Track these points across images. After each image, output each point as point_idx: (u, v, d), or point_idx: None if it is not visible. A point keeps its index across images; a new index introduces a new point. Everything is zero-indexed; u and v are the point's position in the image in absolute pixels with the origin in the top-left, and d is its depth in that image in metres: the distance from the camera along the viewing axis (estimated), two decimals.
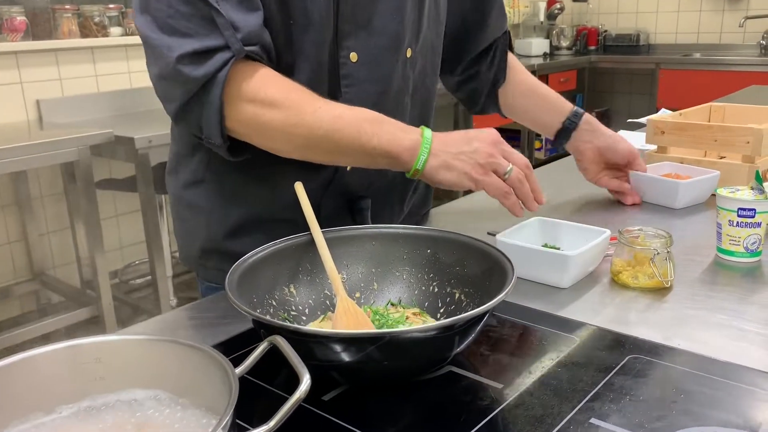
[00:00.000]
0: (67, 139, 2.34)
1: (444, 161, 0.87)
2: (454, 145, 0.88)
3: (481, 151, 0.87)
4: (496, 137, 0.89)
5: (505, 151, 0.89)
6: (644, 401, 0.67)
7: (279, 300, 0.81)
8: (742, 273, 0.99)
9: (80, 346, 0.60)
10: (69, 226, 2.93)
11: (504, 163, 0.88)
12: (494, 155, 0.88)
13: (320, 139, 0.88)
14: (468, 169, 0.87)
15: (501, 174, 0.88)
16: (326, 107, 0.88)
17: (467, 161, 0.87)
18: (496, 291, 0.75)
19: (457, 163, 0.87)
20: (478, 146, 0.87)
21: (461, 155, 0.87)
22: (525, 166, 0.90)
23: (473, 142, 0.88)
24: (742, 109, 1.60)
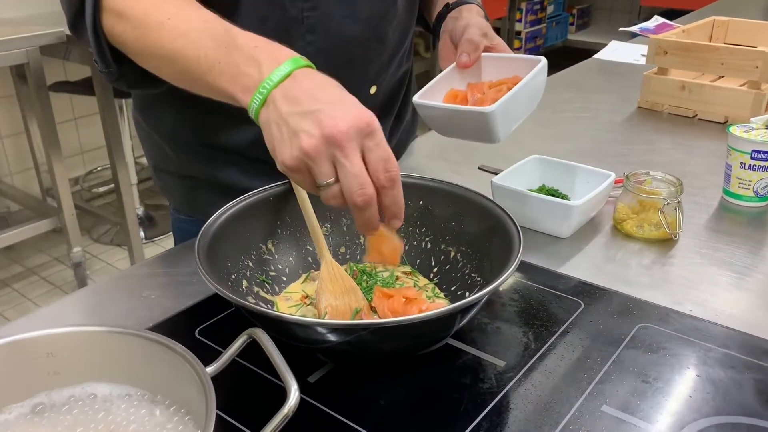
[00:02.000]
0: (13, 39, 2.14)
1: (268, 121, 0.61)
2: (298, 102, 0.60)
3: (305, 142, 0.58)
4: (348, 130, 0.58)
5: (345, 157, 0.58)
6: (658, 385, 0.61)
7: (256, 260, 0.73)
8: (750, 218, 0.93)
9: (26, 340, 0.52)
10: (23, 130, 2.75)
11: (324, 172, 0.59)
12: (313, 156, 0.58)
13: (165, 61, 0.70)
14: (279, 150, 0.60)
15: (316, 180, 0.60)
16: (175, 20, 0.69)
17: (282, 140, 0.60)
18: (498, 255, 0.68)
19: (275, 133, 0.60)
20: (310, 131, 0.58)
21: (285, 126, 0.59)
22: (379, 184, 0.59)
23: (312, 120, 0.58)
24: (747, 25, 1.50)
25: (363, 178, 0.58)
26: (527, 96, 0.80)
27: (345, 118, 0.58)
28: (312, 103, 0.59)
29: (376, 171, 0.59)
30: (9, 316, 2.45)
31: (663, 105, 1.34)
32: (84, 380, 0.54)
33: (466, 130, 0.80)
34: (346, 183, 0.59)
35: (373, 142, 0.59)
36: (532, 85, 0.79)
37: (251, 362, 0.64)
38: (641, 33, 1.97)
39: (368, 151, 0.59)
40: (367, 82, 0.92)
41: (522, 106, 0.80)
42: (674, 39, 1.30)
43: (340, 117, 0.58)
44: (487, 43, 0.89)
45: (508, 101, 0.75)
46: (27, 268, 2.73)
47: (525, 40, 4.59)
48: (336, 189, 0.59)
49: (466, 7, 0.95)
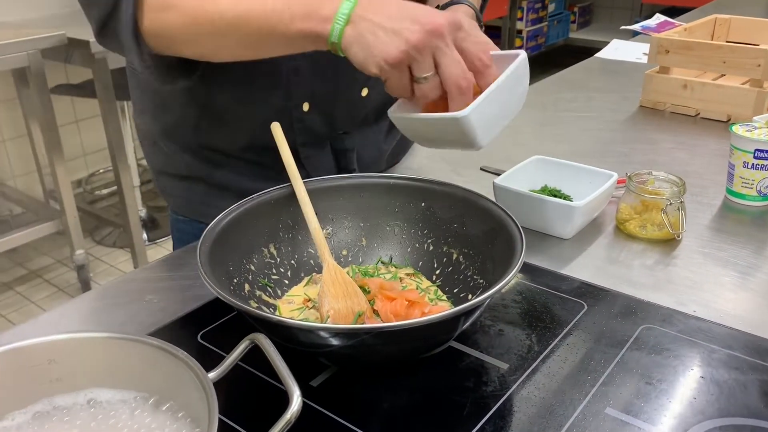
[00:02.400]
0: (15, 43, 2.14)
1: (360, 33, 0.65)
2: (383, 14, 0.65)
3: (410, 35, 0.64)
4: (445, 24, 0.65)
5: (447, 46, 0.65)
6: (662, 387, 0.61)
7: (258, 264, 0.73)
8: (753, 218, 0.93)
9: (28, 347, 0.52)
10: (26, 133, 2.76)
11: (426, 65, 0.65)
12: (420, 47, 0.64)
13: (229, 29, 0.71)
14: (378, 50, 0.64)
15: (416, 76, 0.66)
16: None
17: (383, 40, 0.64)
18: (500, 257, 0.68)
19: (370, 39, 0.65)
20: (411, 28, 0.64)
21: (382, 30, 0.65)
22: (482, 64, 0.68)
23: (409, 20, 0.64)
24: (749, 23, 1.49)
25: (464, 64, 0.66)
26: (508, 94, 0.71)
27: (438, 15, 0.65)
28: (401, 10, 0.65)
29: (474, 54, 0.67)
30: (12, 318, 2.45)
31: (665, 104, 1.33)
32: (86, 386, 0.54)
33: (445, 139, 0.73)
34: (450, 70, 0.65)
35: (463, 32, 0.67)
36: (512, 82, 0.71)
37: (254, 367, 0.63)
38: (643, 31, 1.96)
39: (462, 41, 0.67)
40: (357, 85, 0.92)
41: (503, 105, 0.71)
42: (676, 37, 1.30)
43: (434, 14, 0.65)
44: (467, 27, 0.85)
45: (484, 102, 0.68)
46: (30, 271, 2.73)
47: (526, 38, 4.59)
48: (436, 81, 0.66)
49: (454, 8, 0.92)
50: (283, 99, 0.86)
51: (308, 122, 0.89)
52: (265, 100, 0.86)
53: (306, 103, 0.87)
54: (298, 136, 0.89)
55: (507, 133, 1.15)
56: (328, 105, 0.90)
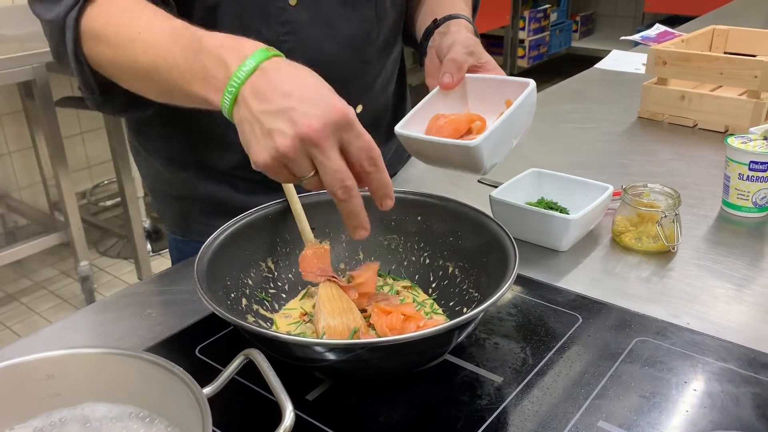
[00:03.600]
0: (20, 57, 2.17)
1: (240, 121, 0.60)
2: (267, 100, 0.58)
3: (280, 142, 0.57)
4: (325, 126, 0.57)
5: (322, 153, 0.58)
6: (655, 400, 0.62)
7: (255, 278, 0.74)
8: (749, 229, 0.93)
9: (27, 363, 0.53)
10: (31, 145, 2.78)
11: (302, 167, 0.58)
12: (289, 156, 0.57)
13: (143, 75, 0.69)
14: (251, 150, 0.59)
15: (296, 175, 0.60)
16: (145, 34, 0.68)
17: (257, 141, 0.59)
18: (495, 271, 0.68)
19: (247, 132, 0.59)
20: (283, 130, 0.57)
21: (258, 125, 0.58)
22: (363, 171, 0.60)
23: (285, 119, 0.57)
24: (747, 34, 1.50)
25: (342, 172, 0.58)
26: (517, 123, 0.75)
27: (319, 114, 0.57)
28: (283, 100, 0.58)
29: (359, 161, 0.59)
30: (17, 330, 2.46)
31: (663, 115, 1.34)
32: (84, 401, 0.54)
33: (451, 162, 0.75)
34: (326, 179, 0.59)
35: (351, 134, 0.59)
36: (522, 111, 0.74)
37: (251, 381, 0.64)
38: (642, 42, 1.97)
39: (348, 144, 0.59)
40: (351, 102, 0.92)
41: (511, 133, 0.75)
42: (673, 49, 1.31)
43: (314, 114, 0.57)
44: (473, 62, 0.84)
45: (495, 132, 0.70)
46: (35, 282, 2.75)
47: (528, 48, 4.60)
48: (317, 180, 0.60)
49: (454, 22, 0.91)
50: None
51: None
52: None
53: None
54: None
55: None
56: None
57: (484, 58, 0.83)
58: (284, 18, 0.83)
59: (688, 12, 3.50)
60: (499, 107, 0.78)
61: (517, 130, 0.76)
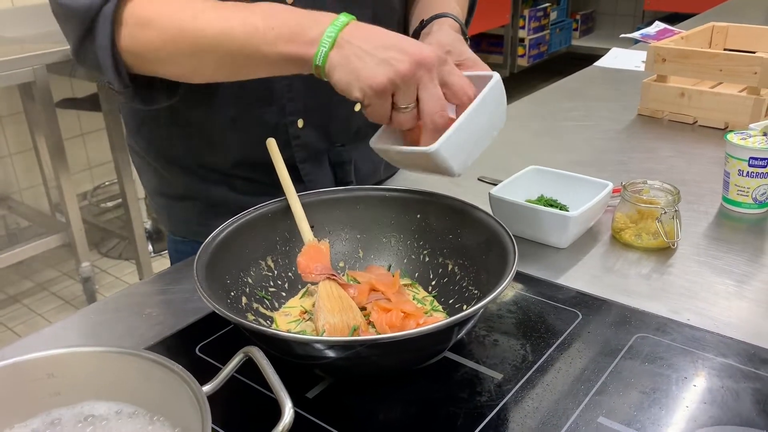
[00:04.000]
0: (20, 58, 2.17)
1: (346, 57, 0.65)
2: (371, 41, 0.65)
3: (399, 65, 0.64)
4: (432, 57, 0.65)
5: (431, 80, 0.65)
6: (655, 396, 0.62)
7: (255, 276, 0.74)
8: (749, 225, 0.93)
9: (27, 362, 0.53)
10: (32, 147, 2.78)
11: (409, 95, 0.66)
12: (407, 78, 0.64)
13: (208, 48, 0.70)
14: (363, 76, 0.64)
15: (398, 105, 0.66)
16: (210, 10, 0.70)
17: (371, 66, 0.64)
18: (494, 268, 0.68)
19: (357, 64, 0.65)
20: (399, 57, 0.64)
21: (369, 56, 0.64)
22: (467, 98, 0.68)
23: (397, 50, 0.64)
24: (746, 30, 1.50)
25: (444, 101, 0.66)
26: (483, 120, 0.70)
27: (425, 48, 0.65)
28: (388, 39, 0.65)
29: (462, 87, 0.67)
30: (19, 331, 2.47)
31: (663, 112, 1.34)
32: (84, 399, 0.55)
33: (423, 169, 0.73)
34: (430, 103, 0.66)
35: (449, 66, 0.67)
36: (486, 107, 0.69)
37: (251, 379, 0.64)
38: (642, 39, 1.97)
39: (449, 75, 0.67)
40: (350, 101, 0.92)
41: (478, 131, 0.70)
42: (673, 46, 1.31)
43: (421, 46, 0.65)
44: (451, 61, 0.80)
45: (455, 134, 0.67)
46: (37, 284, 2.75)
47: (529, 47, 4.60)
48: (414, 112, 0.67)
49: (438, 22, 0.89)
50: (276, 116, 0.87)
51: (304, 138, 0.90)
52: (259, 117, 0.87)
53: (300, 119, 0.88)
54: (296, 153, 0.90)
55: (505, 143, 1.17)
56: (323, 120, 0.91)
57: (464, 55, 0.80)
58: None
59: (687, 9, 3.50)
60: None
61: (488, 126, 0.71)
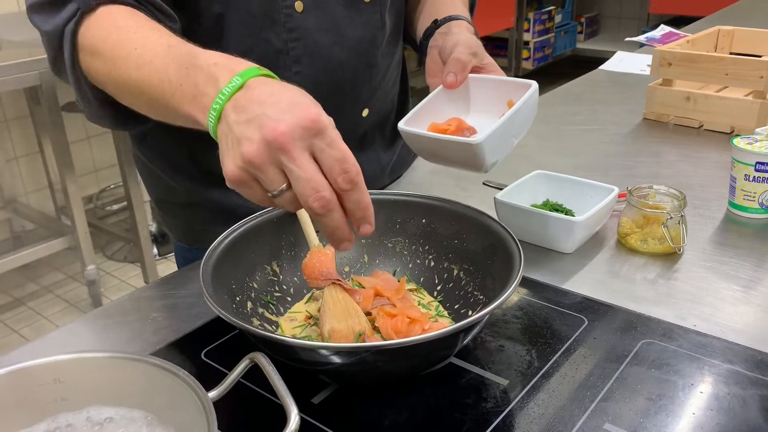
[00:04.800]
0: (27, 62, 2.18)
1: (223, 134, 0.58)
2: (245, 109, 0.56)
3: (246, 149, 0.54)
4: (293, 131, 0.54)
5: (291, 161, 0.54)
6: (662, 403, 0.61)
7: (261, 281, 0.74)
8: (755, 230, 0.93)
9: (33, 367, 0.53)
10: (38, 150, 2.79)
11: (272, 179, 0.55)
12: (256, 163, 0.54)
13: (136, 91, 0.68)
14: (223, 163, 0.57)
15: (267, 188, 0.56)
16: (141, 50, 0.66)
17: (227, 151, 0.57)
18: (500, 273, 0.68)
19: (222, 146, 0.58)
20: (251, 137, 0.54)
21: (230, 136, 0.56)
22: (338, 187, 0.56)
23: (254, 125, 0.55)
24: (752, 34, 1.50)
25: (316, 181, 0.54)
26: (518, 123, 0.76)
27: (287, 119, 0.54)
28: (257, 108, 0.55)
29: (332, 173, 0.55)
30: (25, 334, 2.47)
31: (669, 116, 1.34)
32: (89, 404, 0.55)
33: (452, 160, 0.75)
34: (298, 189, 0.54)
35: (323, 141, 0.55)
36: (524, 112, 0.75)
37: (256, 384, 0.64)
38: (648, 43, 1.97)
39: (320, 152, 0.55)
40: (359, 106, 0.93)
41: (512, 133, 0.75)
42: (678, 50, 1.30)
43: (282, 118, 0.54)
44: (476, 63, 0.84)
45: (498, 130, 0.71)
46: (42, 287, 2.76)
47: (533, 50, 4.60)
48: (290, 195, 0.56)
49: (456, 23, 0.91)
50: None
51: None
52: None
53: None
54: None
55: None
56: None
57: (486, 60, 0.83)
58: (291, 24, 0.83)
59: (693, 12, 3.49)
60: (501, 107, 0.79)
61: (518, 130, 0.76)
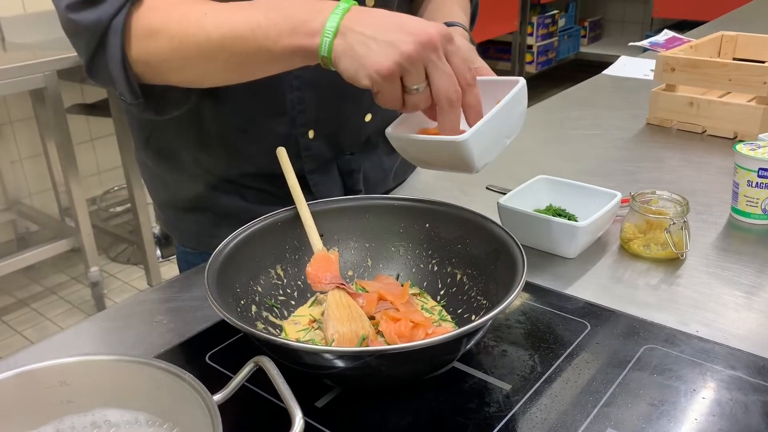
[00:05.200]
0: (32, 64, 2.19)
1: (351, 45, 0.64)
2: (374, 26, 0.64)
3: (404, 47, 0.62)
4: (437, 36, 0.64)
5: (439, 59, 0.64)
6: (664, 408, 0.62)
7: (265, 285, 0.74)
8: (758, 236, 0.93)
9: (40, 370, 0.53)
10: (42, 152, 2.81)
11: (418, 76, 0.64)
12: (414, 59, 0.63)
13: (215, 51, 0.71)
14: (371, 61, 0.63)
15: (408, 88, 0.65)
16: (213, 13, 0.70)
17: (376, 52, 0.63)
18: (503, 278, 0.69)
19: (362, 50, 0.64)
20: (404, 39, 0.63)
21: (373, 41, 0.64)
22: (465, 82, 0.66)
23: (401, 32, 0.63)
24: (756, 40, 1.50)
25: (454, 78, 0.65)
26: (506, 120, 0.72)
27: (429, 26, 0.64)
28: (391, 21, 0.65)
29: (461, 70, 0.66)
30: (28, 335, 2.48)
31: (672, 121, 1.34)
32: (95, 407, 0.55)
33: (441, 162, 0.74)
34: (441, 83, 0.64)
35: (453, 46, 0.65)
36: (511, 109, 0.72)
37: (261, 388, 0.65)
38: (651, 47, 1.97)
39: (452, 55, 0.65)
40: (361, 111, 0.93)
41: (501, 131, 0.72)
42: (681, 56, 1.31)
43: (425, 25, 0.64)
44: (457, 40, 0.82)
45: (483, 128, 0.68)
46: (46, 288, 2.77)
47: (537, 53, 4.60)
48: (427, 92, 0.65)
49: (451, 29, 0.88)
50: (287, 127, 0.88)
51: (315, 149, 0.91)
52: (271, 128, 0.88)
53: (311, 130, 0.89)
54: (305, 163, 0.91)
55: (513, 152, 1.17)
56: (333, 131, 0.91)
57: (477, 63, 0.82)
58: None
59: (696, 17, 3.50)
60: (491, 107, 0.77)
61: (509, 129, 0.74)
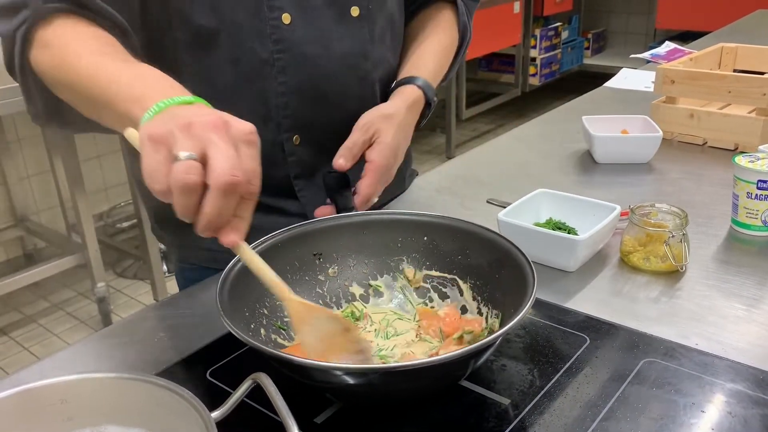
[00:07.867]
0: None
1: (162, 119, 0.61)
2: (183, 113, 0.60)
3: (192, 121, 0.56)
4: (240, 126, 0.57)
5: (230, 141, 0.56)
6: (663, 422, 0.62)
7: (270, 307, 0.74)
8: (758, 248, 0.93)
9: (40, 388, 0.54)
10: (49, 169, 2.83)
11: (190, 145, 0.55)
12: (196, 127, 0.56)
13: (79, 86, 0.71)
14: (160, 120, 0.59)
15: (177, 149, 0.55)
16: (96, 57, 0.70)
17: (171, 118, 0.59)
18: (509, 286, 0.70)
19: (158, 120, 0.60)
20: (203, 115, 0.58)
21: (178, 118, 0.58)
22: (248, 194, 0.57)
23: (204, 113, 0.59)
24: (756, 51, 1.50)
25: (236, 162, 0.55)
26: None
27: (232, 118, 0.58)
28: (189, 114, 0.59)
29: (246, 173, 0.56)
30: (36, 351, 2.49)
31: (672, 133, 1.34)
32: (95, 424, 0.56)
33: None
34: (219, 160, 0.54)
35: (250, 150, 0.57)
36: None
37: (260, 403, 0.65)
38: (652, 59, 1.98)
39: (243, 157, 0.56)
40: (350, 117, 0.93)
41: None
42: (681, 68, 1.31)
43: (229, 116, 0.58)
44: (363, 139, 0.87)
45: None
46: (53, 304, 2.78)
47: (540, 66, 4.62)
48: (195, 165, 0.54)
49: (399, 90, 0.95)
50: (273, 133, 0.89)
51: (300, 155, 0.92)
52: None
53: (296, 135, 0.90)
54: (291, 168, 0.92)
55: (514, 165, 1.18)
56: (319, 137, 0.92)
57: (376, 137, 0.88)
58: (278, 36, 0.85)
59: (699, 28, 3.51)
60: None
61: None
